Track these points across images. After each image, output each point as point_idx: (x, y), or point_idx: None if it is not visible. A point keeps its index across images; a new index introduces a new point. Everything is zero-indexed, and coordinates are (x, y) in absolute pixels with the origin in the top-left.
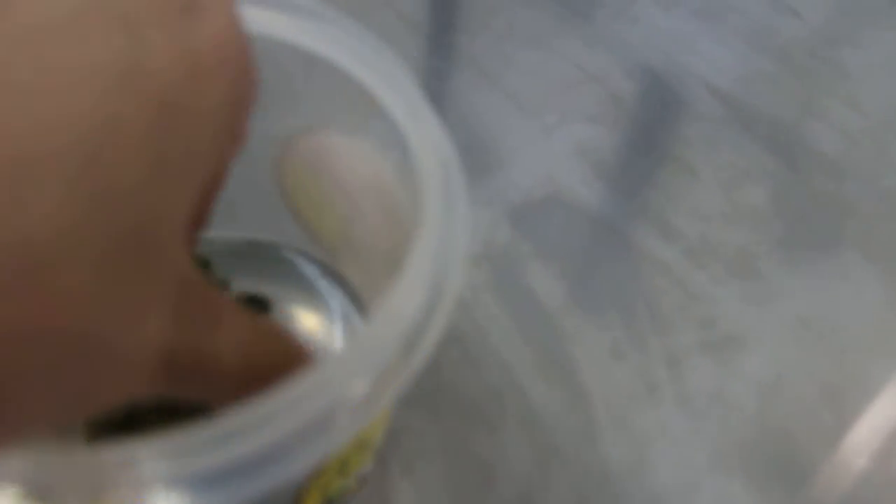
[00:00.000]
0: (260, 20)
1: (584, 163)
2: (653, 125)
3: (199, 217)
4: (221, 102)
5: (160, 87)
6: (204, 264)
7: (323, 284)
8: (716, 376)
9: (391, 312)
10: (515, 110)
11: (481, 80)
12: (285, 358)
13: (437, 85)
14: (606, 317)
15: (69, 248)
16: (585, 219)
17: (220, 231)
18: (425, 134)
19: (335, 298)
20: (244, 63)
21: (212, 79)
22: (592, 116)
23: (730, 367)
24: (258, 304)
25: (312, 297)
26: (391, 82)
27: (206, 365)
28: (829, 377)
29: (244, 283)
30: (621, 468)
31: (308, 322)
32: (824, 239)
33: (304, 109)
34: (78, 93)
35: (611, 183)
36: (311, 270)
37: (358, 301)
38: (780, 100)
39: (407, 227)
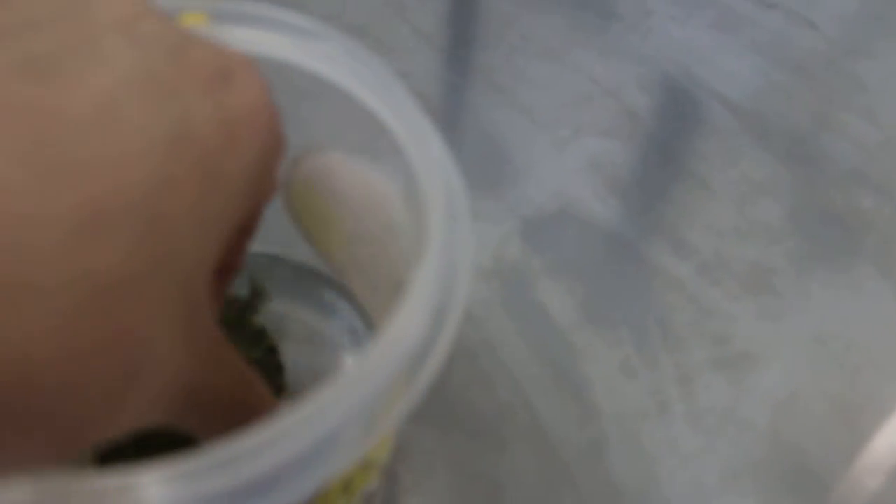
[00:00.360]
0: (265, 42)
1: (597, 177)
2: (667, 139)
3: (231, 264)
4: (255, 162)
5: (204, 152)
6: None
7: (330, 299)
8: (728, 394)
9: (395, 335)
10: (529, 124)
11: (495, 94)
12: (261, 404)
13: (450, 99)
14: (618, 333)
15: (135, 291)
16: (598, 234)
17: None
18: (428, 154)
19: (342, 313)
20: (274, 126)
21: (247, 142)
22: (606, 130)
23: (743, 385)
24: (258, 295)
25: (320, 311)
26: (393, 103)
27: (205, 400)
28: (843, 394)
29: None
30: (631, 487)
31: (314, 334)
32: (839, 254)
33: (310, 130)
34: (142, 156)
35: (624, 197)
36: (318, 285)
37: (366, 317)
38: (795, 112)
39: (410, 248)
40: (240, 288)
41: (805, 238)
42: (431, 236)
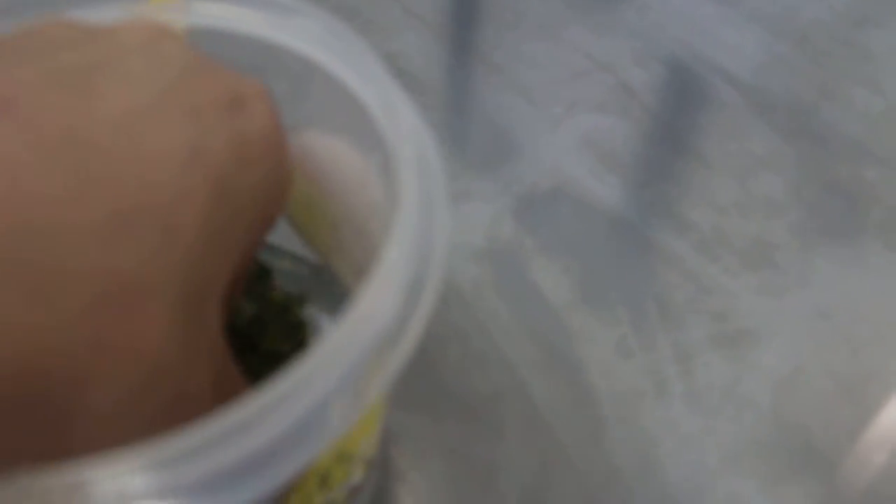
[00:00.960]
0: (240, 18)
1: (592, 154)
2: (664, 114)
3: (236, 282)
4: (264, 182)
5: (218, 170)
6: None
7: (313, 287)
8: (729, 372)
9: (365, 311)
10: (523, 101)
11: (488, 73)
12: None
13: (443, 78)
14: (614, 313)
15: (156, 288)
16: (593, 211)
17: None
18: (400, 128)
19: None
20: (282, 151)
21: (257, 164)
22: (602, 106)
23: (744, 363)
24: (263, 274)
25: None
26: (367, 77)
27: (193, 413)
28: (847, 370)
29: None
30: (629, 469)
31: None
32: (843, 227)
33: (289, 109)
34: (161, 168)
35: (620, 174)
36: (301, 272)
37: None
38: (798, 84)
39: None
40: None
41: (808, 212)
42: (403, 209)
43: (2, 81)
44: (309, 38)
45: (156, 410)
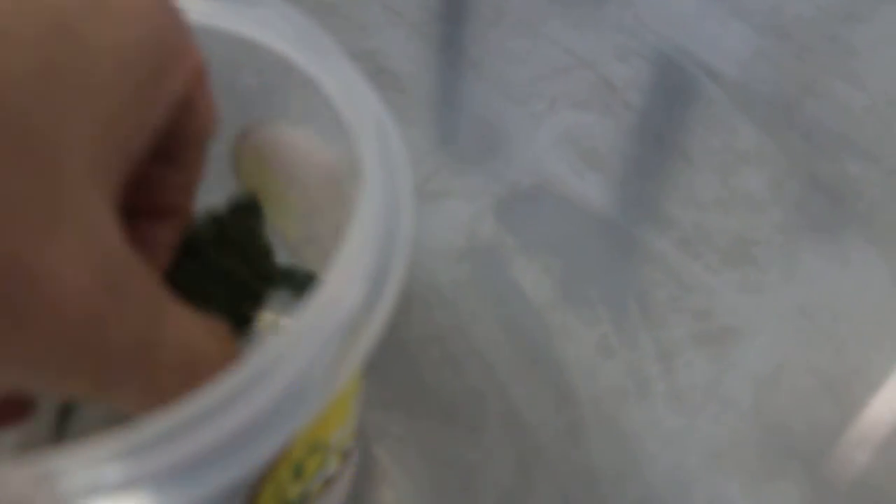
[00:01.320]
0: (200, 10)
1: (573, 151)
2: (646, 110)
3: (165, 206)
4: (129, 48)
5: (55, 8)
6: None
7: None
8: (710, 371)
9: (331, 295)
10: (504, 98)
11: (469, 69)
12: (222, 360)
13: (422, 74)
14: (595, 312)
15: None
16: (575, 209)
17: None
18: (362, 117)
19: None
20: (165, 24)
21: (117, 20)
22: (584, 103)
23: (725, 361)
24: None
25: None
26: (329, 66)
27: (142, 357)
28: (829, 368)
29: None
30: (609, 470)
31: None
32: (826, 223)
33: (254, 102)
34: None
35: (602, 171)
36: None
37: None
38: (781, 79)
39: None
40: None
41: (790, 208)
42: (367, 196)
43: None
44: (273, 31)
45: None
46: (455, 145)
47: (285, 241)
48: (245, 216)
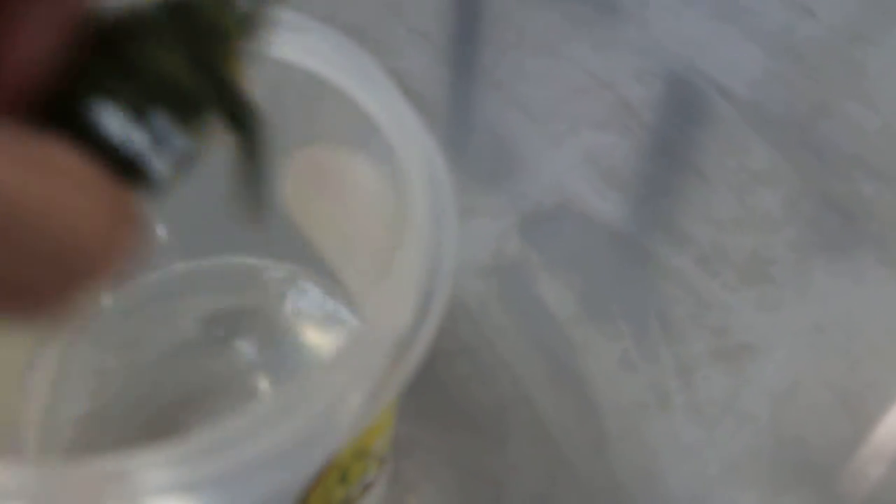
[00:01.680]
0: None
1: (594, 171)
2: (664, 130)
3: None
4: None
5: None
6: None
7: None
8: (728, 385)
9: (381, 317)
10: (525, 119)
11: (490, 90)
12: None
13: (447, 96)
14: (617, 327)
15: None
16: (596, 228)
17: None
18: (412, 143)
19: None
20: None
21: None
22: (603, 123)
23: (743, 376)
24: None
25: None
26: (377, 92)
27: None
28: (845, 384)
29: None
30: (632, 480)
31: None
32: (840, 242)
33: (301, 125)
34: None
35: (622, 190)
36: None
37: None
38: (794, 101)
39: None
40: None
41: (805, 227)
42: (415, 219)
43: None
44: (319, 55)
45: None
46: (479, 164)
47: (325, 259)
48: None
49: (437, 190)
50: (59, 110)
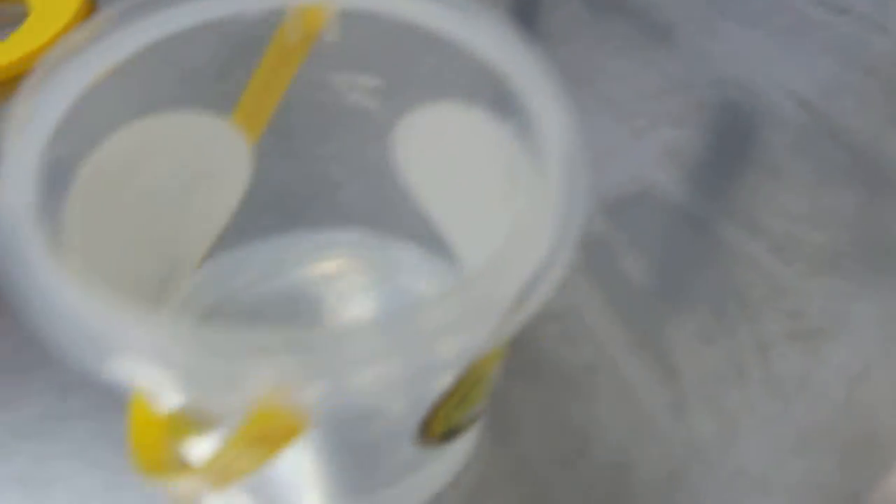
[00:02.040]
0: (389, 3)
1: (672, 164)
2: (738, 130)
3: None
4: None
5: None
6: None
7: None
8: (803, 364)
9: (522, 243)
10: (606, 115)
11: (573, 85)
12: None
13: None
14: (696, 305)
15: None
16: (674, 214)
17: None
18: (547, 101)
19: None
20: None
21: None
22: (680, 121)
23: (817, 357)
24: None
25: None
26: (513, 54)
27: None
28: None
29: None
30: (709, 441)
31: None
32: None
33: (420, 81)
34: None
35: (697, 182)
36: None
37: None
38: (865, 111)
39: (529, 200)
40: None
41: (874, 226)
42: (552, 171)
43: None
44: (446, 15)
45: None
46: None
47: (431, 223)
48: None
49: (570, 146)
50: None
